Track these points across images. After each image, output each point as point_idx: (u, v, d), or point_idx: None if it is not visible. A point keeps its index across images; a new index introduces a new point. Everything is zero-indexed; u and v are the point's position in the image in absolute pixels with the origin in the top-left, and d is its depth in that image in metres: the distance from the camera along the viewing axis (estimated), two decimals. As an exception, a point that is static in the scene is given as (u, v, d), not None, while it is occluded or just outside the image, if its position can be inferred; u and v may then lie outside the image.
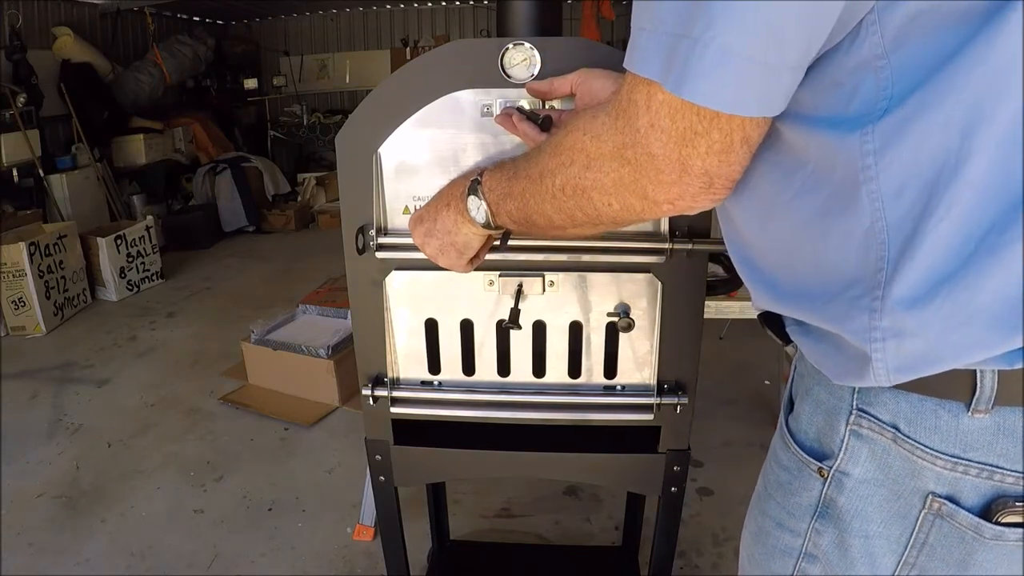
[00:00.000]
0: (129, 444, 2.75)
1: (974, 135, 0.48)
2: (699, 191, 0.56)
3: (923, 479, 0.59)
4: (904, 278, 0.52)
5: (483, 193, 0.75)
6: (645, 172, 0.56)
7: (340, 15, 7.91)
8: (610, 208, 0.61)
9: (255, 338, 3.05)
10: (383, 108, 1.00)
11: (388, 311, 1.08)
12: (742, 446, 2.58)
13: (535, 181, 0.67)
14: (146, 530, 2.22)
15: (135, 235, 4.56)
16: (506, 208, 0.73)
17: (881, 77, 0.50)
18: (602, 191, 0.60)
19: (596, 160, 0.60)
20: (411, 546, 1.38)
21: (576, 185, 0.62)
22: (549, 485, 2.34)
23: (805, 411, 0.69)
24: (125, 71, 6.02)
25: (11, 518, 2.29)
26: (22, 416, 2.99)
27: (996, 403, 0.54)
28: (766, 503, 0.75)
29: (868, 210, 0.53)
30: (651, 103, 0.53)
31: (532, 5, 1.04)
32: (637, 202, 0.59)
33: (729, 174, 0.56)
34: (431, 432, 1.17)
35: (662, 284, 1.03)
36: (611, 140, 0.58)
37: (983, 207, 0.49)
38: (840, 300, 0.57)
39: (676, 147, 0.54)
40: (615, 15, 5.76)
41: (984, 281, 0.50)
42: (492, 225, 0.77)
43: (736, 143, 0.53)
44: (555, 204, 0.66)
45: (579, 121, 0.62)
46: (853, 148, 0.52)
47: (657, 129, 0.54)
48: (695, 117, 0.52)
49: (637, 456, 1.15)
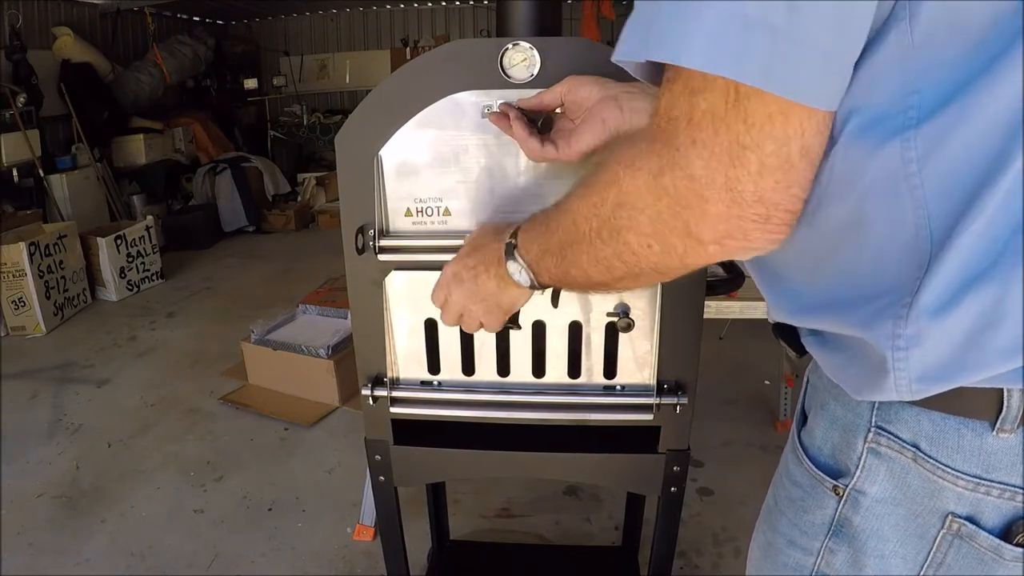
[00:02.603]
0: (129, 444, 2.75)
1: (1014, 139, 0.46)
2: (753, 225, 0.49)
3: (943, 499, 0.57)
4: (933, 285, 0.50)
5: (520, 256, 0.70)
6: (686, 202, 0.49)
7: (340, 15, 7.91)
8: (650, 251, 0.54)
9: (255, 338, 3.05)
10: (383, 109, 1.00)
11: (388, 311, 1.08)
12: (742, 446, 2.58)
13: (568, 231, 0.61)
14: (146, 530, 2.22)
15: (135, 235, 4.56)
16: (546, 266, 0.67)
17: (907, 70, 0.47)
18: (639, 232, 0.53)
19: (631, 194, 0.52)
20: (411, 546, 1.38)
21: (611, 228, 0.55)
22: (549, 485, 2.34)
23: (820, 426, 0.67)
24: (125, 71, 6.02)
25: (11, 518, 2.29)
26: (22, 416, 2.99)
27: (1022, 422, 0.53)
28: (777, 519, 0.73)
29: (912, 218, 0.50)
30: (693, 115, 0.47)
31: (532, 5, 1.04)
32: (679, 242, 0.51)
33: (789, 202, 0.49)
34: (431, 432, 1.17)
35: (662, 284, 1.03)
36: (647, 166, 0.51)
37: (1008, 208, 0.47)
38: (867, 308, 0.55)
39: (721, 167, 0.47)
40: (615, 15, 5.76)
41: (1010, 285, 0.48)
42: (538, 286, 0.71)
43: (795, 156, 0.47)
44: (591, 255, 0.59)
45: (614, 152, 0.55)
46: (893, 155, 0.49)
47: (699, 145, 0.47)
48: (742, 126, 0.46)
49: (637, 456, 1.15)
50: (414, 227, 1.05)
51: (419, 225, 1.04)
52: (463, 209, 1.03)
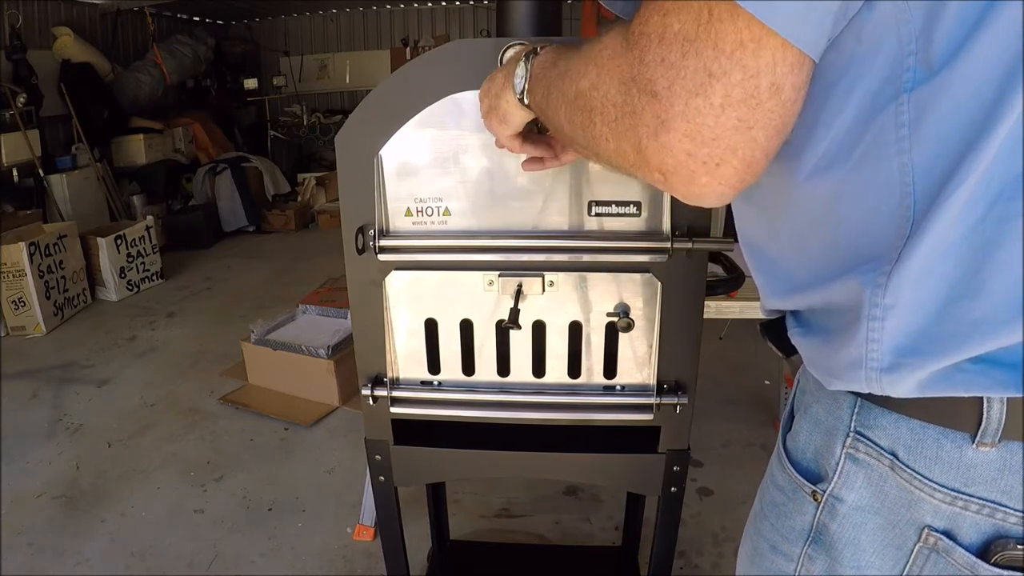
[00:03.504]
0: (129, 444, 2.75)
1: (1002, 101, 0.44)
2: (702, 168, 0.46)
3: (919, 511, 0.56)
4: (914, 253, 0.49)
5: (530, 65, 0.68)
6: (643, 119, 0.47)
7: (340, 15, 7.91)
8: (607, 144, 0.53)
9: (255, 338, 3.05)
10: (383, 109, 1.00)
11: (388, 311, 1.08)
12: (742, 446, 2.58)
13: (561, 77, 0.60)
14: (146, 530, 2.22)
15: (135, 235, 4.56)
16: (539, 88, 0.66)
17: (903, 32, 0.46)
18: (604, 119, 0.52)
19: (604, 84, 0.51)
20: (411, 546, 1.38)
21: (585, 99, 0.54)
22: (549, 485, 2.34)
23: (803, 430, 0.66)
24: (125, 71, 6.02)
25: (11, 518, 2.29)
26: (22, 416, 2.99)
27: (1003, 436, 0.51)
28: (761, 523, 0.73)
29: (898, 185, 0.48)
30: (665, 34, 0.45)
31: (532, 5, 1.04)
32: (631, 151, 0.50)
33: (745, 148, 0.46)
34: (431, 432, 1.17)
35: (662, 284, 1.03)
36: (618, 69, 0.49)
37: (992, 171, 0.46)
38: (850, 278, 0.53)
39: (684, 92, 0.44)
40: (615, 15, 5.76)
41: (991, 252, 0.47)
42: (524, 100, 0.70)
43: (763, 91, 0.44)
44: (569, 110, 0.58)
45: (608, 32, 0.54)
46: (887, 122, 0.48)
47: (666, 65, 0.45)
48: (711, 52, 0.43)
49: (637, 456, 1.15)
50: (414, 227, 1.05)
51: (419, 225, 1.04)
52: (463, 209, 1.03)
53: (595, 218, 1.02)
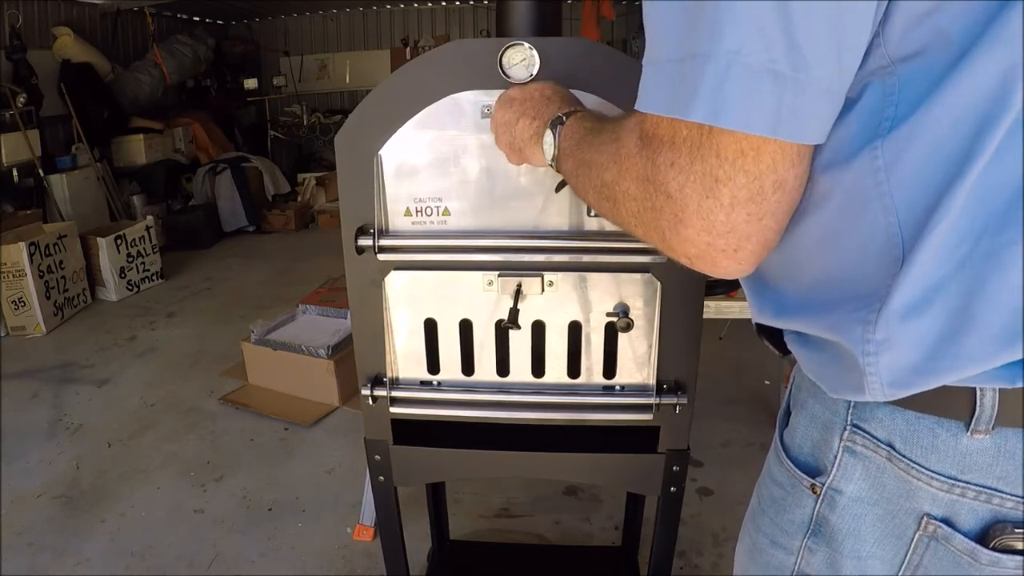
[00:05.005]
0: (129, 444, 2.75)
1: (980, 138, 0.46)
2: (721, 255, 0.50)
3: (918, 500, 0.57)
4: (903, 290, 0.50)
5: (558, 135, 0.73)
6: (663, 214, 0.51)
7: (340, 15, 7.91)
8: (635, 229, 0.57)
9: (255, 338, 3.05)
10: (383, 109, 1.00)
11: (387, 311, 1.08)
12: (742, 446, 2.58)
13: (586, 165, 0.63)
14: (146, 530, 2.22)
15: (135, 235, 4.56)
16: (567, 164, 0.71)
17: (887, 84, 0.48)
18: (628, 211, 0.56)
19: (624, 180, 0.55)
20: (411, 546, 1.38)
21: (610, 191, 0.58)
22: (549, 485, 2.34)
23: (800, 425, 0.67)
24: (125, 71, 6.02)
25: (11, 518, 2.29)
26: (22, 416, 2.99)
27: (997, 423, 0.52)
28: (760, 519, 0.74)
29: (883, 225, 0.50)
30: (675, 139, 0.49)
31: (532, 5, 1.03)
32: (657, 239, 0.54)
33: (760, 234, 0.50)
34: (431, 432, 1.17)
35: (661, 284, 1.03)
36: (634, 168, 0.53)
37: (975, 207, 0.47)
38: (840, 312, 0.55)
39: (695, 195, 0.48)
40: (615, 15, 5.76)
41: (979, 286, 0.48)
42: (554, 166, 0.75)
43: (767, 189, 0.48)
44: (596, 197, 0.62)
45: (624, 126, 0.57)
46: (863, 165, 0.50)
47: (676, 168, 0.49)
48: (715, 160, 0.47)
49: (636, 456, 1.15)
50: (414, 227, 1.05)
51: (419, 225, 1.04)
52: (463, 209, 1.03)
53: (595, 218, 1.02)
